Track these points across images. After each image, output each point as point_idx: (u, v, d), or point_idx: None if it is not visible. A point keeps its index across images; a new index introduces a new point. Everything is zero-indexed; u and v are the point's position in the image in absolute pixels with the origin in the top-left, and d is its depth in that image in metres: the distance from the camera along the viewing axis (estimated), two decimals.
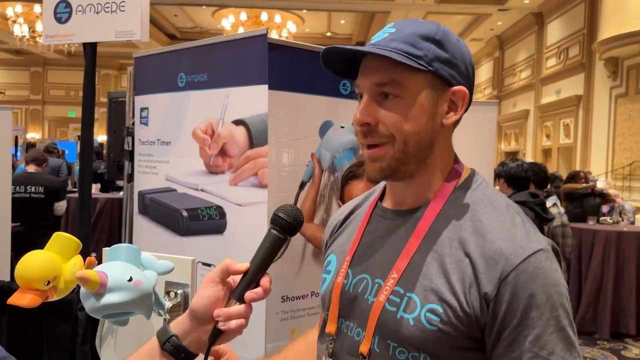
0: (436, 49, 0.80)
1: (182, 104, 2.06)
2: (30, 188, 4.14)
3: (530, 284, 0.74)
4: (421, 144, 0.81)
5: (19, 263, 1.14)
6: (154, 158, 2.18)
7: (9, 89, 16.48)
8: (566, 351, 0.74)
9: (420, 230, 0.82)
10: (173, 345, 0.74)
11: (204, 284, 0.76)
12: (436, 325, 0.76)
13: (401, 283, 0.80)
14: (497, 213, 0.80)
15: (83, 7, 2.42)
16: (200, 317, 0.74)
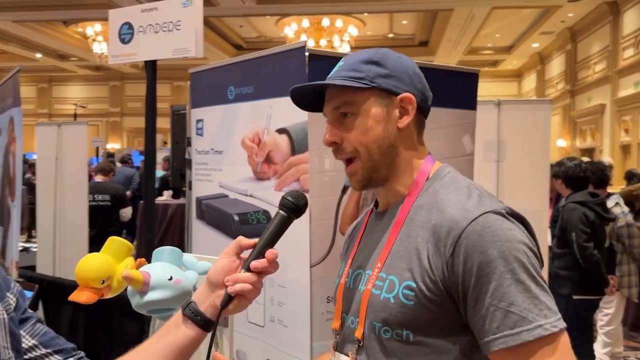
0: (376, 68, 0.95)
1: (232, 115, 2.18)
2: (98, 196, 4.47)
3: (479, 242, 0.82)
4: (383, 149, 0.94)
5: (77, 264, 1.29)
6: (209, 166, 2.32)
7: (90, 103, 17.70)
8: (530, 303, 0.79)
9: (397, 223, 0.93)
10: (192, 310, 0.84)
11: (221, 256, 0.87)
12: (412, 299, 0.85)
13: (384, 269, 0.91)
14: (457, 191, 0.90)
15: (144, 28, 2.62)
16: (214, 283, 0.85)
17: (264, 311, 2.07)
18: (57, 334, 0.89)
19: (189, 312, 0.84)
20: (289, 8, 11.50)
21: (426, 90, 0.99)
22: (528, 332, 0.79)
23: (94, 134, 16.28)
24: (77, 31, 12.95)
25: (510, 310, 0.80)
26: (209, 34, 12.99)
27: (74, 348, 0.89)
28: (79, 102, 16.13)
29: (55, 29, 12.74)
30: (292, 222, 0.91)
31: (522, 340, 0.79)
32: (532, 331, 0.79)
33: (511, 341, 0.79)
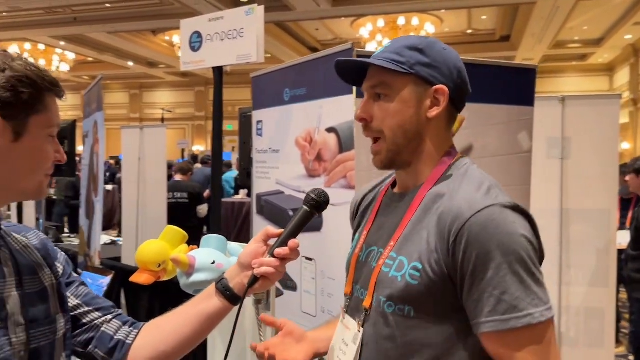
0: (418, 55, 0.97)
1: (287, 116, 2.31)
2: (177, 194, 4.79)
3: (481, 234, 0.86)
4: (408, 135, 0.98)
5: (138, 249, 1.46)
6: (267, 165, 2.46)
7: (177, 108, 18.75)
8: (522, 292, 0.85)
9: (413, 207, 0.98)
10: (223, 285, 0.99)
11: (250, 242, 1.00)
12: (417, 279, 0.91)
13: (395, 249, 0.96)
14: (469, 182, 0.94)
15: (211, 36, 2.82)
16: (244, 264, 0.98)
17: (315, 302, 2.17)
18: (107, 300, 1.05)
19: (221, 287, 0.98)
20: (364, 9, 11.55)
21: (464, 85, 1.00)
22: (517, 320, 0.84)
23: (180, 137, 17.24)
24: (164, 40, 13.77)
25: (503, 298, 0.85)
26: (286, 38, 13.35)
27: (112, 306, 1.03)
28: (166, 107, 17.14)
29: (145, 38, 13.62)
30: (313, 216, 1.02)
31: (510, 326, 0.84)
32: (521, 319, 0.84)
33: (500, 326, 0.85)
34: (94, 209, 3.17)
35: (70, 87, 19.15)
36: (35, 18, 11.44)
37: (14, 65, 0.82)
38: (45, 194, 0.90)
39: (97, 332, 0.99)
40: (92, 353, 0.98)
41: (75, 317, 0.98)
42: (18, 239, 0.95)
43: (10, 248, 0.90)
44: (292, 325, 1.14)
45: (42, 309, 0.89)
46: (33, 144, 0.85)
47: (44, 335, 0.88)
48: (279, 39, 13.01)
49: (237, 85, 14.74)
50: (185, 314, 0.99)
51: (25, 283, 0.88)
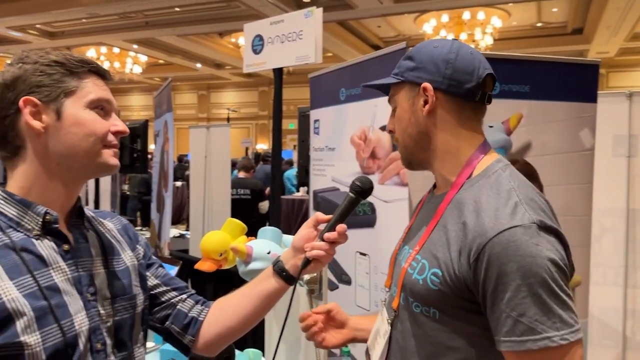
0: (408, 63, 1.04)
1: (343, 115, 2.38)
2: (239, 190, 4.97)
3: (502, 254, 0.86)
4: (413, 136, 1.03)
5: (202, 240, 1.58)
6: (323, 162, 2.55)
7: (242, 107, 19.27)
8: (542, 315, 0.84)
9: (439, 211, 1.00)
10: (279, 267, 1.08)
11: (302, 227, 1.09)
12: (437, 285, 0.94)
13: (420, 252, 1.00)
14: (496, 196, 0.93)
15: (272, 39, 2.94)
16: (297, 248, 1.07)
17: (369, 296, 2.23)
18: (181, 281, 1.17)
19: (277, 268, 1.08)
20: (427, 4, 11.40)
21: (458, 74, 0.99)
22: (533, 342, 0.84)
23: (245, 136, 17.71)
24: (230, 41, 14.21)
25: (520, 320, 0.85)
26: (348, 36, 13.39)
27: (186, 286, 1.15)
28: (231, 107, 17.66)
29: (212, 40, 14.11)
30: (359, 202, 1.08)
31: (526, 348, 0.85)
32: (538, 342, 0.84)
33: (516, 347, 0.86)
34: (164, 204, 3.38)
35: (142, 88, 20.13)
36: (110, 23, 12.14)
37: (46, 56, 0.93)
38: (114, 166, 0.97)
39: (173, 309, 1.10)
40: (168, 328, 1.10)
41: (154, 295, 1.10)
42: (103, 223, 1.07)
43: (97, 230, 1.02)
44: (337, 310, 1.22)
45: (124, 286, 1.01)
46: (74, 119, 0.92)
47: (125, 309, 1.00)
48: (340, 38, 13.08)
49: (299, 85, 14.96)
50: (247, 294, 1.10)
51: (109, 262, 1.00)
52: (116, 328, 0.97)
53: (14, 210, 0.91)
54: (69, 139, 0.92)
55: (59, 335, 0.86)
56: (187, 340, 1.10)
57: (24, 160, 0.93)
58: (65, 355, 0.87)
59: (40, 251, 0.90)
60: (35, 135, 0.91)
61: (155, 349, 2.16)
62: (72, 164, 0.94)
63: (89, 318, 0.92)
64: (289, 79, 16.71)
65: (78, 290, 0.92)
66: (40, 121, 0.91)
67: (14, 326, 0.83)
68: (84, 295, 0.93)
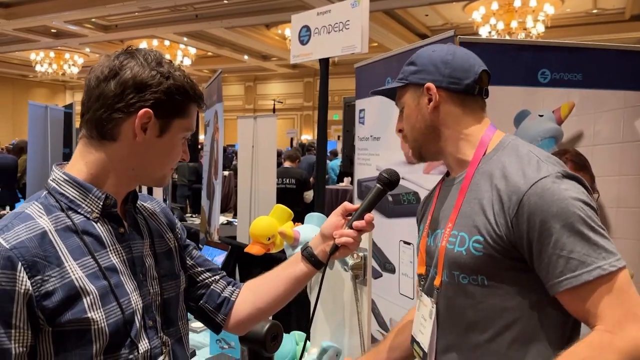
0: (410, 67, 1.15)
1: (388, 105, 2.38)
2: (285, 180, 5.04)
3: (540, 202, 0.95)
4: (422, 131, 1.13)
5: (251, 225, 1.64)
6: (368, 151, 2.57)
7: (287, 98, 19.44)
8: (589, 249, 0.93)
9: (463, 187, 1.09)
10: (308, 253, 1.13)
11: (331, 215, 1.15)
12: (481, 251, 1.01)
13: (455, 227, 1.07)
14: (518, 159, 1.03)
15: (319, 29, 2.97)
16: (326, 235, 1.13)
17: (413, 284, 2.25)
18: (214, 263, 1.23)
19: (307, 254, 1.14)
20: None
21: (456, 72, 1.10)
22: (588, 273, 0.92)
23: (290, 127, 17.87)
24: (277, 33, 14.33)
25: (571, 257, 0.93)
26: (394, 25, 13.25)
27: (218, 268, 1.22)
28: (277, 98, 17.84)
29: (259, 32, 14.27)
30: (386, 193, 1.14)
31: (583, 280, 0.92)
32: (592, 272, 0.92)
33: (575, 281, 0.93)
34: (214, 191, 3.49)
35: None
36: (161, 16, 12.48)
37: (175, 75, 0.96)
38: (167, 184, 1.08)
39: (207, 289, 1.17)
40: (202, 307, 1.17)
41: (189, 275, 1.17)
42: (146, 207, 1.13)
43: (144, 215, 1.09)
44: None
45: (169, 266, 1.08)
46: (171, 142, 0.98)
47: (172, 288, 1.07)
48: (386, 27, 12.96)
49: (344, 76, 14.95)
50: (277, 277, 1.15)
51: (156, 244, 1.07)
52: (164, 306, 1.04)
53: (75, 193, 0.95)
54: (155, 156, 0.98)
55: (119, 312, 0.93)
56: (219, 319, 1.16)
57: (106, 152, 0.96)
58: (125, 331, 0.94)
59: (100, 233, 0.95)
60: (131, 140, 0.95)
61: (205, 328, 2.26)
62: (144, 173, 1.00)
63: (142, 297, 0.98)
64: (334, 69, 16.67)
65: (132, 270, 0.99)
66: (144, 133, 0.95)
67: (82, 303, 0.89)
68: (137, 275, 0.99)
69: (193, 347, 2.06)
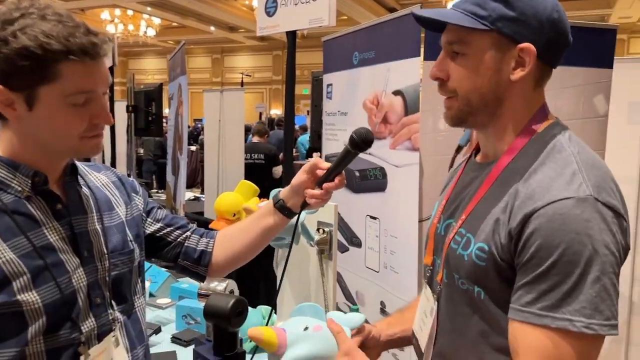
0: (502, 8, 0.84)
1: (355, 79, 2.38)
2: (253, 155, 4.98)
3: (545, 226, 0.77)
4: (485, 98, 0.88)
5: (216, 200, 1.63)
6: (335, 127, 2.56)
7: (256, 72, 19.14)
8: (573, 296, 0.76)
9: (488, 181, 0.91)
10: (281, 205, 1.17)
11: (301, 172, 1.16)
12: (483, 260, 0.85)
13: (464, 225, 0.91)
14: (553, 164, 0.83)
15: (286, 1, 2.91)
16: (296, 190, 1.15)
17: (378, 258, 2.28)
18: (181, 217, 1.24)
19: (279, 206, 1.17)
20: None
21: (561, 37, 0.87)
22: (552, 319, 0.77)
23: (259, 101, 17.64)
24: (244, 4, 14.01)
25: (548, 295, 0.77)
26: None
27: (187, 222, 1.23)
28: (245, 71, 17.55)
29: (225, 2, 13.91)
30: (356, 155, 1.10)
31: (542, 323, 0.77)
32: (557, 321, 0.76)
33: (532, 319, 0.78)
34: (179, 166, 3.44)
35: (156, 51, 20.04)
36: None
37: (21, 37, 0.81)
38: (95, 152, 0.95)
39: (181, 247, 1.19)
40: (182, 264, 1.19)
41: (160, 237, 1.17)
42: (98, 177, 1.08)
43: (90, 186, 1.04)
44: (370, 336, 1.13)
45: (120, 241, 1.03)
46: (49, 113, 0.86)
47: (123, 263, 1.03)
48: (356, 0, 12.83)
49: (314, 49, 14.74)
50: (250, 227, 1.19)
51: (104, 217, 1.03)
52: (115, 282, 1.01)
53: (3, 172, 0.90)
54: (46, 130, 0.88)
55: (57, 292, 0.89)
56: (201, 271, 1.20)
57: (9, 129, 0.91)
58: (65, 311, 0.91)
59: (32, 212, 0.90)
60: (13, 117, 0.88)
61: (171, 304, 2.25)
62: (54, 148, 0.92)
63: (87, 274, 0.95)
64: (303, 42, 16.51)
65: (74, 248, 0.94)
66: (13, 109, 0.86)
67: (11, 286, 0.85)
68: (81, 252, 0.95)
69: (159, 323, 2.05)
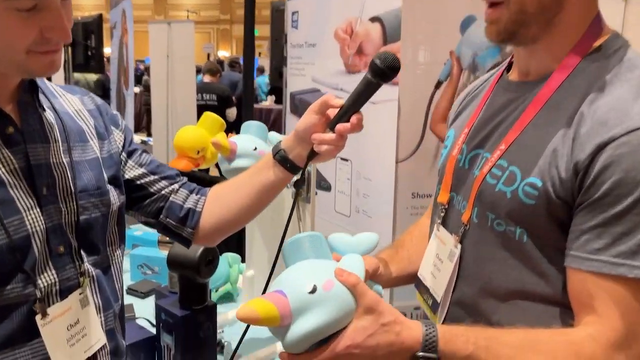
0: None
1: (326, 5, 2.15)
2: (205, 96, 4.69)
3: (628, 159, 0.67)
4: (545, 4, 0.75)
5: (176, 135, 1.41)
6: (302, 60, 2.35)
7: (201, 10, 18.20)
8: None
9: (537, 102, 0.77)
10: (281, 157, 0.94)
11: (308, 112, 0.91)
12: (533, 198, 0.73)
13: (506, 156, 0.78)
14: (626, 84, 0.72)
15: None
16: (302, 137, 0.91)
17: (350, 202, 2.15)
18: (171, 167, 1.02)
19: (279, 158, 0.94)
20: None
21: None
22: (630, 269, 0.67)
23: (206, 41, 16.87)
24: None
25: (625, 239, 0.67)
26: None
27: (177, 174, 1.01)
28: (191, 9, 16.64)
29: None
30: (379, 87, 0.87)
31: (618, 273, 0.68)
32: (636, 270, 0.67)
33: (606, 268, 0.68)
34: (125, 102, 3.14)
35: None
36: None
37: None
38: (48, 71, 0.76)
39: (165, 202, 0.97)
40: (163, 222, 0.97)
41: (142, 186, 0.95)
42: (71, 101, 0.88)
43: (58, 110, 0.84)
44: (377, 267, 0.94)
45: (92, 179, 0.84)
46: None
47: (95, 206, 0.84)
48: None
49: None
50: (245, 184, 0.97)
51: (74, 150, 0.83)
52: (83, 229, 0.82)
53: None
54: None
55: (3, 236, 0.72)
56: (186, 233, 0.98)
57: None
58: (14, 260, 0.73)
59: None
60: None
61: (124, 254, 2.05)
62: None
63: (45, 216, 0.77)
64: None
65: (29, 183, 0.76)
66: None
67: None
68: (37, 189, 0.77)
69: None
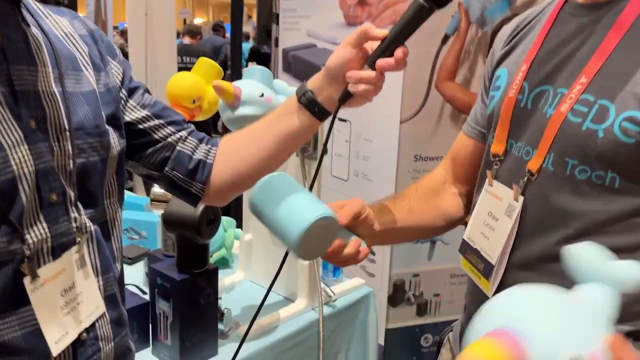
0: None
1: None
2: (185, 59, 4.46)
3: None
4: None
5: (168, 82, 1.27)
6: (297, 13, 2.20)
7: None
8: None
9: (622, 23, 0.68)
10: (308, 99, 0.78)
11: (342, 45, 0.76)
12: (634, 136, 0.64)
13: (591, 89, 0.68)
14: None
15: None
16: (334, 75, 0.76)
17: (348, 165, 2.04)
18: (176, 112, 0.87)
19: (305, 101, 0.78)
20: None
21: None
22: None
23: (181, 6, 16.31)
24: None
25: None
26: None
27: (183, 120, 0.86)
28: None
29: None
30: (432, 12, 0.71)
31: None
32: None
33: None
34: None
35: None
36: None
37: None
38: None
39: (172, 151, 0.82)
40: (169, 175, 0.83)
41: (144, 131, 0.81)
42: (59, 22, 0.73)
43: (45, 30, 0.69)
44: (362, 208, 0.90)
45: (90, 116, 0.70)
46: None
47: (93, 148, 0.70)
48: None
49: None
50: (265, 132, 0.82)
51: (67, 78, 0.69)
52: (80, 173, 0.68)
53: None
54: None
55: None
56: (195, 189, 0.84)
57: None
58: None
59: None
60: None
61: None
62: None
63: (34, 156, 0.62)
64: None
65: (14, 113, 0.61)
66: None
67: None
68: (24, 121, 0.62)
69: None
